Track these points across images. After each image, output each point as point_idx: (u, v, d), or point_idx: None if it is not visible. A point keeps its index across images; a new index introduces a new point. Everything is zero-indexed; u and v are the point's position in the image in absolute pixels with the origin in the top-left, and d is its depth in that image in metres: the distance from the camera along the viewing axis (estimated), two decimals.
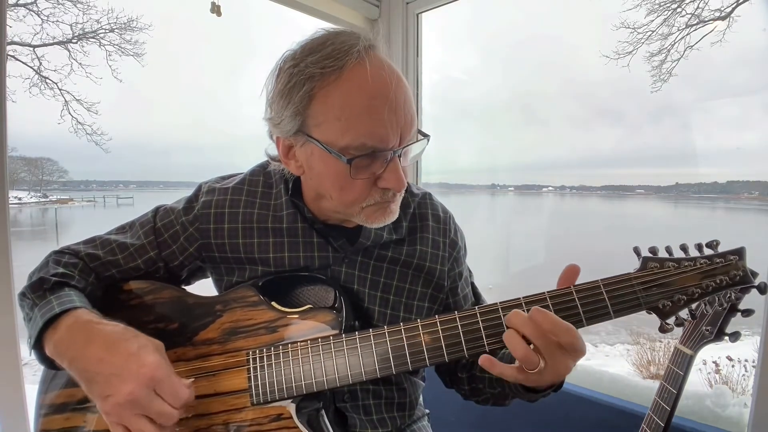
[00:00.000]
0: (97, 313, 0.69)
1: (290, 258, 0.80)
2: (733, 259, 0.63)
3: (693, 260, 0.64)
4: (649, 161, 3.78)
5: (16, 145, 6.32)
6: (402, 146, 0.68)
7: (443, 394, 0.95)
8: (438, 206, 0.88)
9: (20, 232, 7.56)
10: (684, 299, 0.63)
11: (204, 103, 11.19)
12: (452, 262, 0.86)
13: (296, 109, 0.67)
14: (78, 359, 0.64)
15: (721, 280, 0.63)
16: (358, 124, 0.65)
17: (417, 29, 1.86)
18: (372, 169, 0.69)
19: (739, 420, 1.06)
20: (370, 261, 0.81)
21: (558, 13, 3.71)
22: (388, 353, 0.67)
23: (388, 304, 0.81)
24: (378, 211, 0.72)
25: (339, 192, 0.71)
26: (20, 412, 1.13)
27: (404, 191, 0.82)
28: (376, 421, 0.81)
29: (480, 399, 0.84)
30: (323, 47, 0.66)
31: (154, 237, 0.82)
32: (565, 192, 5.19)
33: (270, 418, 0.69)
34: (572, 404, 1.20)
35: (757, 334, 1.01)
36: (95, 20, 4.42)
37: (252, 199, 0.82)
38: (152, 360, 0.62)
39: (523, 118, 4.55)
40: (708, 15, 2.54)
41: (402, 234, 0.82)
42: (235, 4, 1.56)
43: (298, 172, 0.76)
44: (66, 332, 0.66)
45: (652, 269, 0.64)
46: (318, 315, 0.72)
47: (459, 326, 0.65)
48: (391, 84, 0.66)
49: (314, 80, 0.65)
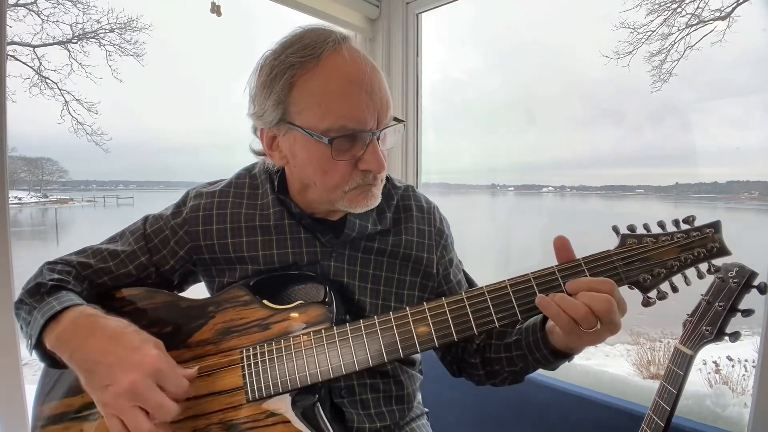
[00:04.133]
0: (101, 309, 0.71)
1: (279, 255, 0.81)
2: (709, 232, 0.66)
3: (670, 235, 0.66)
4: (649, 161, 3.77)
5: (16, 145, 6.31)
6: (380, 128, 0.72)
7: (443, 393, 0.95)
8: (421, 197, 0.90)
9: (20, 232, 7.56)
10: (664, 272, 0.65)
11: (204, 103, 11.19)
12: (441, 250, 0.88)
13: (278, 98, 0.71)
14: (80, 350, 0.65)
15: (698, 252, 0.65)
16: (337, 107, 0.68)
17: (417, 29, 1.86)
18: (352, 152, 0.71)
19: (739, 420, 1.06)
20: (358, 254, 0.82)
21: (558, 13, 3.71)
22: (379, 343, 0.68)
23: (378, 295, 0.82)
24: (360, 194, 0.75)
25: (322, 176, 0.73)
26: (20, 412, 1.13)
27: (385, 179, 0.86)
28: (375, 415, 0.81)
29: (497, 380, 0.84)
30: (301, 40, 0.71)
31: (144, 243, 0.83)
32: (565, 192, 5.18)
33: (266, 414, 0.70)
34: (572, 404, 1.20)
35: (757, 334, 1.01)
36: (95, 20, 4.42)
37: (239, 200, 0.84)
38: (156, 353, 0.64)
39: (523, 118, 4.55)
40: (708, 15, 2.54)
41: (387, 225, 0.84)
42: (235, 4, 1.56)
43: (282, 162, 0.79)
44: (70, 324, 0.67)
45: (631, 245, 0.66)
46: (309, 310, 0.73)
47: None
48: (366, 69, 0.70)
49: (294, 68, 0.69)
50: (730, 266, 0.79)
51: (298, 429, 0.67)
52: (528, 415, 1.29)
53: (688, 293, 0.89)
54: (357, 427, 0.78)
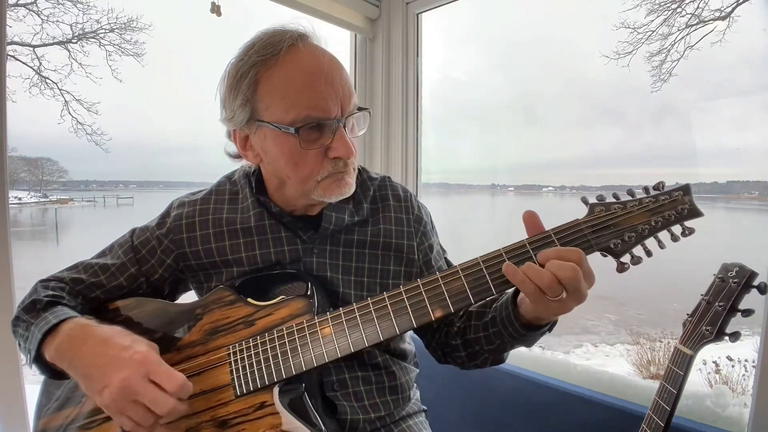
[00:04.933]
0: (95, 319, 0.74)
1: (262, 255, 0.83)
2: (677, 195, 0.65)
3: (639, 201, 0.66)
4: (649, 161, 3.77)
5: (16, 145, 6.31)
6: (344, 116, 0.75)
7: (443, 392, 0.96)
8: (398, 186, 0.92)
9: (20, 232, 7.56)
10: (634, 236, 0.65)
11: (204, 103, 11.18)
12: (420, 237, 0.89)
13: (245, 98, 0.74)
14: (76, 357, 0.67)
15: (669, 215, 0.65)
16: (300, 98, 0.72)
17: (417, 29, 1.85)
18: (321, 141, 0.74)
19: (739, 420, 1.06)
20: (339, 248, 0.84)
21: (558, 13, 3.71)
22: (360, 330, 0.69)
23: (363, 287, 0.84)
24: (333, 183, 0.77)
25: (294, 169, 0.76)
26: (20, 412, 1.13)
27: (361, 172, 0.89)
28: (369, 406, 0.82)
29: (479, 361, 0.84)
30: (260, 41, 0.75)
31: (133, 254, 0.86)
32: (565, 192, 5.18)
33: (254, 407, 0.71)
34: (572, 404, 1.20)
35: (757, 334, 1.01)
36: (95, 20, 4.42)
37: (220, 206, 0.87)
38: (144, 349, 0.66)
39: (523, 118, 4.55)
40: (708, 15, 2.54)
41: (364, 215, 0.86)
42: (235, 4, 1.56)
43: (256, 160, 0.81)
44: (66, 335, 0.69)
45: (599, 213, 0.66)
46: (291, 303, 0.75)
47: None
48: (324, 60, 0.74)
49: (257, 67, 0.73)
50: (730, 266, 0.79)
51: (286, 419, 0.68)
52: (528, 415, 1.29)
53: (688, 293, 0.89)
54: (351, 419, 0.79)
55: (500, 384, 1.33)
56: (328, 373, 0.80)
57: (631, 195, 0.68)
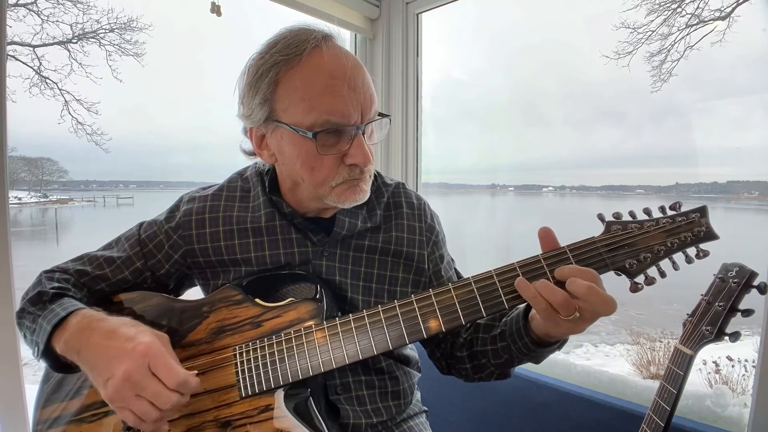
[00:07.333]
0: (103, 311, 0.72)
1: (271, 256, 0.82)
2: (695, 217, 0.65)
3: (655, 221, 0.66)
4: (649, 161, 3.77)
5: (16, 145, 6.30)
6: (364, 123, 0.73)
7: (443, 393, 0.95)
8: (412, 194, 0.91)
9: (20, 232, 7.56)
10: (650, 257, 0.64)
11: (204, 103, 11.18)
12: (432, 246, 0.88)
13: (264, 96, 0.72)
14: (84, 349, 0.66)
15: (685, 236, 0.64)
16: (320, 102, 0.69)
17: (417, 29, 1.86)
18: (338, 147, 0.72)
19: (739, 420, 1.06)
20: (349, 252, 0.83)
21: (558, 13, 3.71)
22: (369, 337, 0.68)
23: (371, 293, 0.83)
24: (348, 189, 0.75)
25: (309, 172, 0.74)
26: (20, 412, 1.13)
27: (376, 177, 0.87)
28: (371, 410, 0.82)
29: (484, 374, 0.84)
30: (285, 39, 0.72)
31: (139, 248, 0.85)
32: (565, 192, 5.18)
33: (259, 410, 0.70)
34: (572, 404, 1.20)
35: (757, 334, 1.01)
36: (95, 20, 4.42)
37: (231, 203, 0.85)
38: (147, 340, 0.64)
39: (523, 118, 4.55)
40: (708, 15, 2.54)
41: (377, 222, 0.85)
42: (235, 4, 1.56)
43: (271, 160, 0.80)
44: (75, 328, 0.68)
45: (616, 232, 0.66)
46: (300, 306, 0.74)
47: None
48: (348, 65, 0.71)
49: (278, 66, 0.71)
50: (730, 266, 0.79)
51: (290, 423, 0.68)
52: (528, 415, 1.29)
53: (688, 293, 0.89)
54: (353, 423, 0.79)
55: (500, 384, 1.32)
56: (331, 376, 0.79)
57: (647, 214, 0.67)
